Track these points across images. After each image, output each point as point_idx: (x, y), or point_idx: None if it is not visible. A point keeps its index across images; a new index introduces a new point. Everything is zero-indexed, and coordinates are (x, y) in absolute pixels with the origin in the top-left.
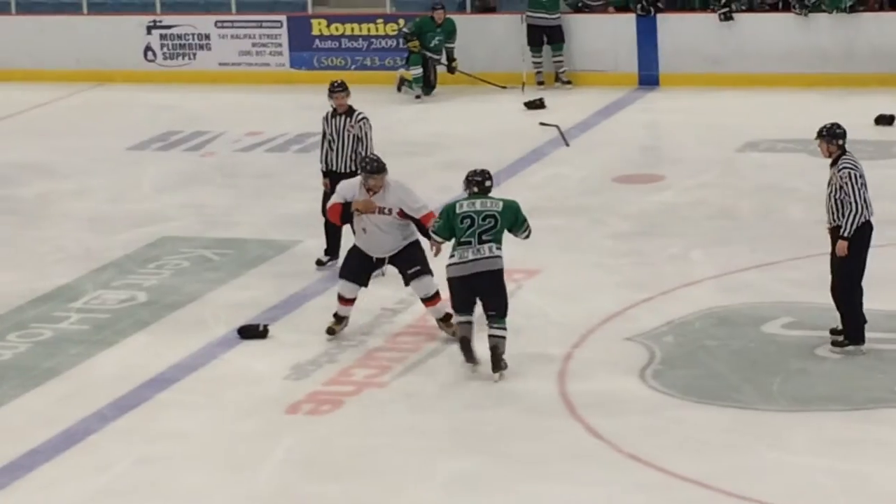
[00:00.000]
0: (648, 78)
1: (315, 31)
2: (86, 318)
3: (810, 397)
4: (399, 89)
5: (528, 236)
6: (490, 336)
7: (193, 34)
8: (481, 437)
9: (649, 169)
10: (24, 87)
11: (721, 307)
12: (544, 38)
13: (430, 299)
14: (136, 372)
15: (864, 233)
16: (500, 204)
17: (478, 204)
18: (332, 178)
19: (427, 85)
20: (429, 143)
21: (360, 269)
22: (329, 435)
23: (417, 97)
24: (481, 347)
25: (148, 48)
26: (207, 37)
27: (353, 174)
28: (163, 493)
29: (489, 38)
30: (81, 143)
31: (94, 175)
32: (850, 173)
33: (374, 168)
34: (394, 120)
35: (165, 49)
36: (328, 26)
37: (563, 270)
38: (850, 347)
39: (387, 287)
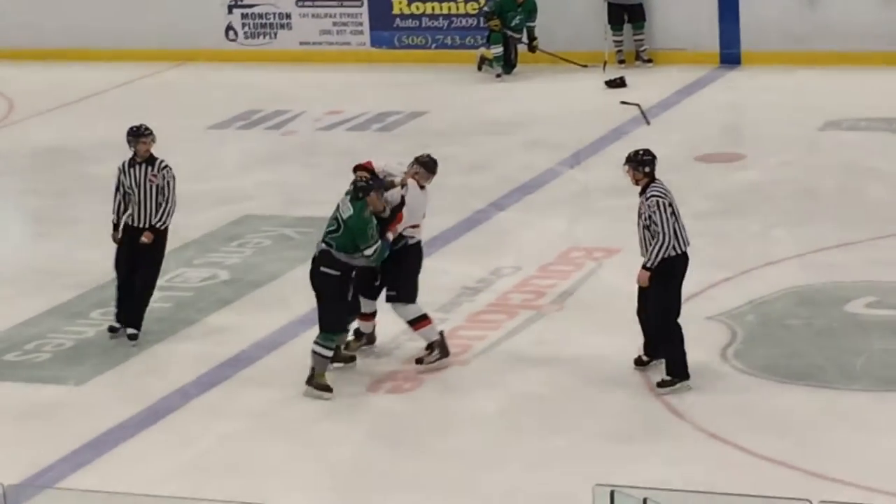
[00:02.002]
0: (730, 56)
1: (395, 10)
2: (168, 295)
3: (894, 377)
4: (480, 68)
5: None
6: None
7: (274, 13)
8: (563, 416)
9: (731, 148)
10: (107, 66)
11: (803, 286)
12: (625, 16)
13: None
14: (218, 349)
15: (673, 265)
16: (350, 211)
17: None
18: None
19: (508, 64)
20: (510, 123)
21: (363, 283)
22: (410, 413)
23: (498, 76)
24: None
25: (229, 27)
26: (288, 16)
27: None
28: (244, 469)
29: (570, 17)
30: (163, 123)
31: (175, 154)
32: (657, 202)
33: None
34: (474, 99)
35: (247, 28)
36: (409, 5)
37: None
38: (678, 385)
39: (469, 265)
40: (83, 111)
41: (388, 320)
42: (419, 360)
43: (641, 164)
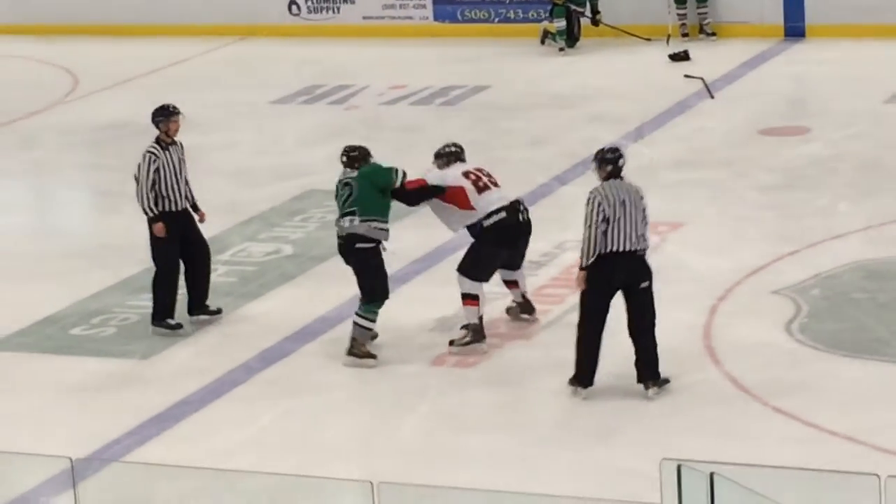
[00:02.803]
0: (795, 29)
1: None
2: (232, 270)
3: None
4: (543, 42)
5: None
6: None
7: None
8: (625, 390)
9: (795, 121)
10: (171, 41)
11: (869, 260)
12: None
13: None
14: (282, 324)
15: (600, 269)
16: (355, 172)
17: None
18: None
19: (571, 37)
20: (573, 96)
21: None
22: (474, 388)
23: (561, 50)
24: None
25: (292, 2)
26: None
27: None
28: (308, 444)
29: None
30: (227, 97)
31: (239, 129)
32: (589, 199)
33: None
34: (538, 73)
35: (310, 3)
36: None
37: (707, 223)
38: (580, 389)
39: (533, 239)
40: (147, 86)
41: (452, 294)
42: (451, 342)
43: (603, 161)
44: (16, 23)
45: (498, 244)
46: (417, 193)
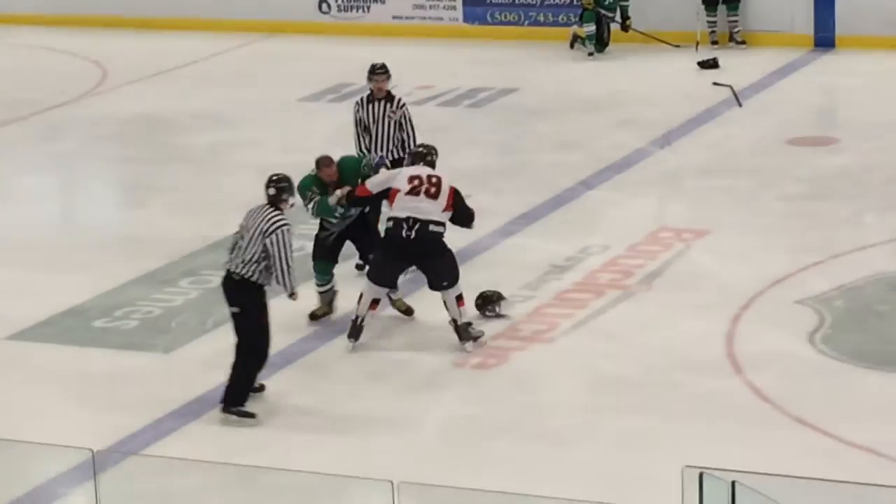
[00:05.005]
0: (824, 40)
1: None
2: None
3: None
4: (572, 46)
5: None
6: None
7: None
8: (648, 397)
9: (823, 131)
10: (199, 36)
11: (893, 272)
12: None
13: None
14: (305, 321)
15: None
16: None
17: None
18: None
19: (600, 42)
20: (602, 101)
21: None
22: (495, 390)
23: (590, 54)
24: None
25: (322, 0)
26: None
27: (396, 162)
28: (329, 442)
29: None
30: (254, 94)
31: (266, 125)
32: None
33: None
34: (567, 77)
35: (340, 1)
36: None
37: (732, 232)
38: (234, 418)
39: (557, 243)
40: (175, 80)
41: (474, 296)
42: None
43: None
44: (45, 14)
45: (384, 251)
46: (363, 200)
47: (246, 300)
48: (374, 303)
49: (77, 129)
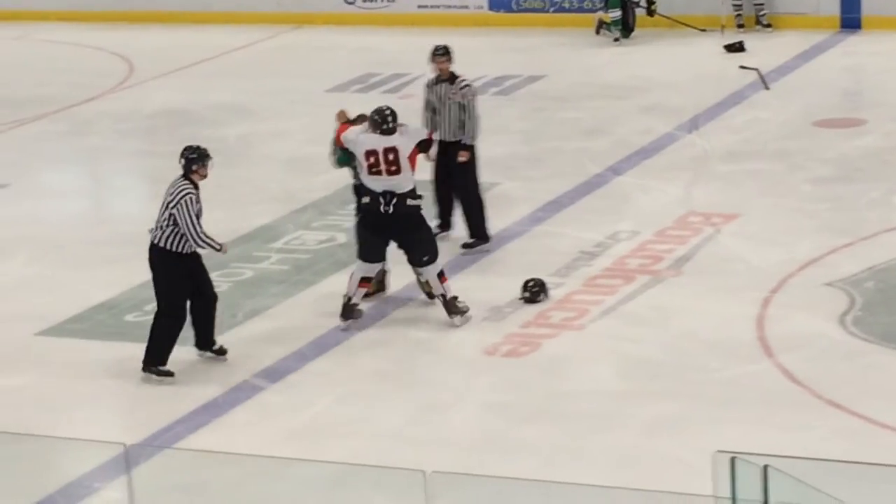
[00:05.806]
0: (851, 21)
1: None
2: (286, 258)
3: None
4: (598, 32)
5: None
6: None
7: None
8: (679, 381)
9: (850, 113)
10: (226, 29)
11: None
12: None
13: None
14: (335, 312)
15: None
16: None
17: None
18: (443, 148)
19: (626, 28)
20: (628, 86)
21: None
22: (526, 377)
23: (616, 40)
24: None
25: None
26: None
27: (457, 143)
28: (361, 432)
29: None
30: (281, 85)
31: (294, 117)
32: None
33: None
34: (593, 63)
35: None
36: None
37: (761, 215)
38: (154, 377)
39: (587, 229)
40: (201, 74)
41: (505, 284)
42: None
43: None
44: (71, 9)
45: (365, 226)
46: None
47: (159, 265)
48: (365, 281)
49: (104, 124)
